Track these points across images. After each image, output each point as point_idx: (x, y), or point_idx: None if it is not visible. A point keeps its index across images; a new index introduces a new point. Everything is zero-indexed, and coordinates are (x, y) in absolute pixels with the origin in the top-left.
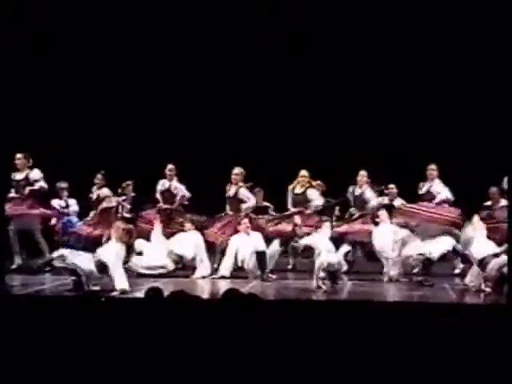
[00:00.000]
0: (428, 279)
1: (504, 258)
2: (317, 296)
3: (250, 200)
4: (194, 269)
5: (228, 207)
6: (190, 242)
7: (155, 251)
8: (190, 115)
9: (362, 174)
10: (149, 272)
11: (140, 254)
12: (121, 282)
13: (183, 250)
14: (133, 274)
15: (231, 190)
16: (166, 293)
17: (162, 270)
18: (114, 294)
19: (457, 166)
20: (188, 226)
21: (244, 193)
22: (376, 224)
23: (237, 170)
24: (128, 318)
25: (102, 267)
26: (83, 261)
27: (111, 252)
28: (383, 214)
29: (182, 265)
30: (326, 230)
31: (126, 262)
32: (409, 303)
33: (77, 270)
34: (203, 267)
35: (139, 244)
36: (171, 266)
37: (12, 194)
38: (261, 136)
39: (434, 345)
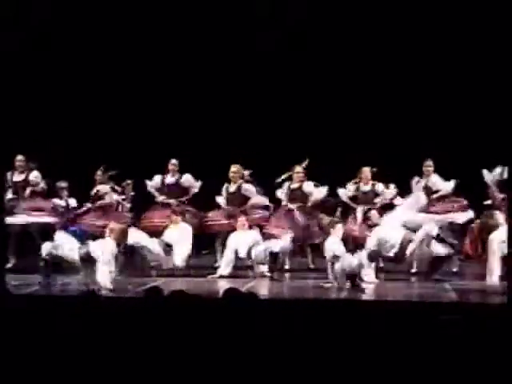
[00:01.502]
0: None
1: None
2: (317, 295)
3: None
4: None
5: (229, 203)
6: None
7: None
8: (189, 115)
9: (366, 170)
10: None
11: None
12: (104, 280)
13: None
14: (132, 274)
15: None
16: (165, 292)
17: None
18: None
19: (456, 166)
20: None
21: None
22: (370, 226)
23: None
24: (128, 318)
25: (87, 259)
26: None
27: (106, 250)
28: (374, 214)
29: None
30: (338, 231)
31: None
32: (409, 303)
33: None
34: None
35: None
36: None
37: (10, 196)
38: (260, 135)
39: (434, 344)
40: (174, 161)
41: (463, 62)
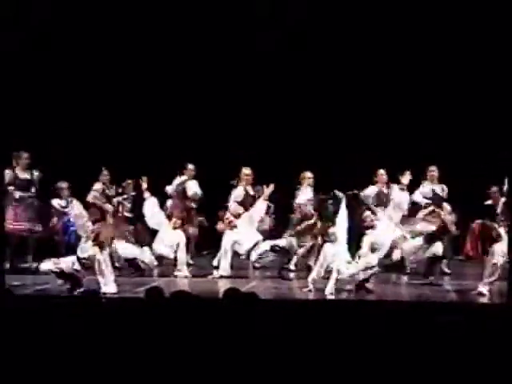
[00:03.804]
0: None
1: None
2: (317, 296)
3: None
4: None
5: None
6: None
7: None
8: (189, 115)
9: (382, 173)
10: None
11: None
12: (110, 285)
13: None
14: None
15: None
16: (166, 293)
17: None
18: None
19: (457, 166)
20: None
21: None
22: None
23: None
24: (128, 318)
25: (88, 265)
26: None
27: (101, 254)
28: (369, 216)
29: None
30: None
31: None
32: (409, 303)
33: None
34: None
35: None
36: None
37: (19, 194)
38: (261, 136)
39: (434, 345)
40: (191, 166)
41: (463, 63)
